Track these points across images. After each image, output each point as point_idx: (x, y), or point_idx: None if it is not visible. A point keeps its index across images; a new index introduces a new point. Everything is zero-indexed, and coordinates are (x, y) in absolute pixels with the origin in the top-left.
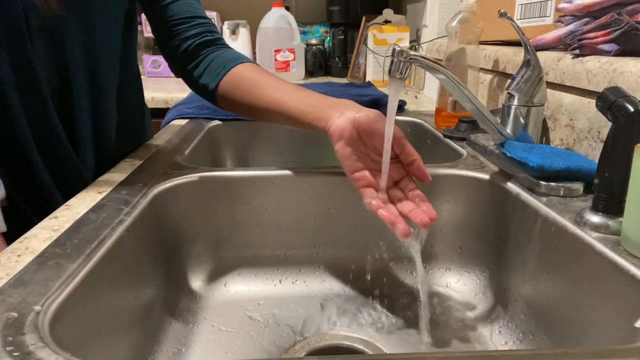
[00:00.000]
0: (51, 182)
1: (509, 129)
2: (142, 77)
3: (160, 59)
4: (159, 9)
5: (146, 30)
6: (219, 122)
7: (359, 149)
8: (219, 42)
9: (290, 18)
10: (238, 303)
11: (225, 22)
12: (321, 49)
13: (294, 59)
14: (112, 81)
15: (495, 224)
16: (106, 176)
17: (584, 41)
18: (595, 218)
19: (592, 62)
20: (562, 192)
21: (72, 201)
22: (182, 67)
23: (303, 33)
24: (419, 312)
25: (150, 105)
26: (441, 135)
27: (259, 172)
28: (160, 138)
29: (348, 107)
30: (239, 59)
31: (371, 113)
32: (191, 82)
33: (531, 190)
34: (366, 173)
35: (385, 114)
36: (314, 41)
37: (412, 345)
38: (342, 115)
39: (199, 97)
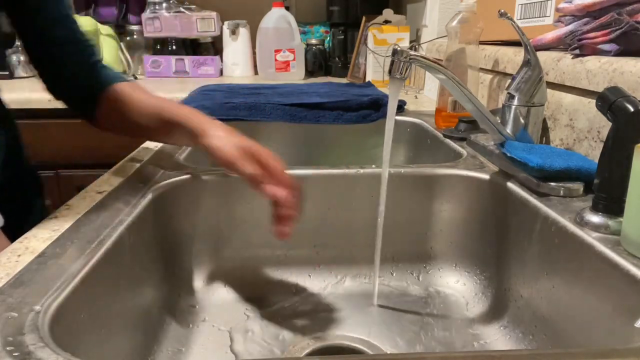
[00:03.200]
0: None
1: (509, 129)
2: (142, 77)
3: (160, 58)
4: (31, 31)
5: (146, 30)
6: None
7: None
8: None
9: (290, 18)
10: (238, 303)
11: (225, 22)
12: (321, 49)
13: (294, 59)
14: None
15: (495, 224)
16: (106, 176)
17: (584, 41)
18: (595, 218)
19: (592, 62)
20: (562, 192)
21: (72, 201)
22: (60, 94)
23: (303, 33)
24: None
25: None
26: (441, 135)
27: None
28: None
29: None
30: (113, 79)
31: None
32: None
33: (531, 190)
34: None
35: (385, 113)
36: (314, 41)
37: (410, 344)
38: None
39: (199, 97)
